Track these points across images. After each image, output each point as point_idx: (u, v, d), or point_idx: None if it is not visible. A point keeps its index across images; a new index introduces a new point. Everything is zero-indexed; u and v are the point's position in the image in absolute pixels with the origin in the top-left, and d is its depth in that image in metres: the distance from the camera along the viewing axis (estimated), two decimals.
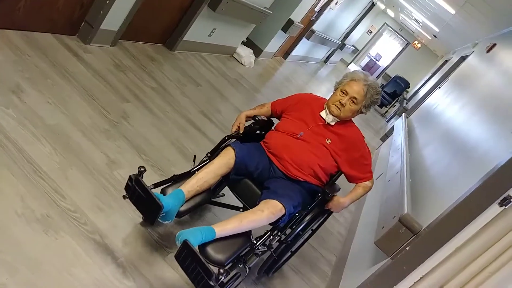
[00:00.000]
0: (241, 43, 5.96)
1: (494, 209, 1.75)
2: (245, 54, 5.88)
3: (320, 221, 2.23)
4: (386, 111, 11.28)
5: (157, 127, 2.88)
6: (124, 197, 1.75)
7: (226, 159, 1.93)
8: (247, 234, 1.82)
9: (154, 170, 2.42)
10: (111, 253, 1.75)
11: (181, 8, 4.13)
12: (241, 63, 5.82)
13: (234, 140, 2.14)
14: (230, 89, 4.69)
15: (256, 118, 2.26)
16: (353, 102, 2.08)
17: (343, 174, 2.20)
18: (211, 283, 1.51)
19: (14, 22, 2.62)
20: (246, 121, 2.26)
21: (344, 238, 3.35)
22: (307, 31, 7.96)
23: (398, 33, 16.02)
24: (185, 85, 3.85)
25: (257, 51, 6.61)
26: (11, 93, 2.16)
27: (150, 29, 3.97)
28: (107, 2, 3.04)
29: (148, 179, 2.27)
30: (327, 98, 2.20)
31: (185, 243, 1.56)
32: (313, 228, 2.25)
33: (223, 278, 1.56)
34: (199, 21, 4.35)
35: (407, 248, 1.95)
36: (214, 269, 1.55)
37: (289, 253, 2.25)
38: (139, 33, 3.87)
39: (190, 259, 1.55)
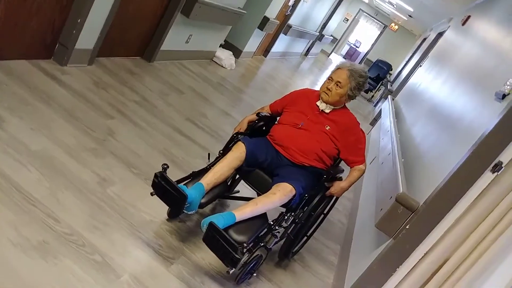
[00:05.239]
0: (220, 46, 5.95)
1: (487, 177, 1.77)
2: (225, 56, 5.86)
3: (330, 203, 2.39)
4: (372, 96, 11.36)
5: (144, 139, 2.85)
6: (151, 194, 1.93)
7: (238, 153, 2.13)
8: (264, 216, 2.02)
9: (148, 183, 2.40)
10: (113, 271, 1.73)
11: (154, 18, 4.11)
12: (222, 66, 5.80)
13: (243, 136, 2.34)
14: (214, 93, 4.68)
15: (260, 115, 2.45)
16: (337, 85, 2.28)
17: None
18: (237, 256, 1.72)
19: None
20: (248, 125, 2.44)
21: (345, 226, 3.35)
22: (283, 26, 7.97)
23: (374, 18, 16.11)
24: (168, 94, 3.82)
25: (237, 52, 6.60)
26: None
27: (126, 43, 3.94)
28: (79, 21, 3.01)
29: (144, 192, 2.27)
30: None
31: (211, 225, 1.77)
32: (324, 212, 2.41)
33: (247, 253, 1.78)
34: (174, 29, 4.33)
35: (407, 227, 1.95)
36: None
37: (304, 237, 2.46)
38: (116, 48, 3.84)
39: (216, 238, 1.75)
